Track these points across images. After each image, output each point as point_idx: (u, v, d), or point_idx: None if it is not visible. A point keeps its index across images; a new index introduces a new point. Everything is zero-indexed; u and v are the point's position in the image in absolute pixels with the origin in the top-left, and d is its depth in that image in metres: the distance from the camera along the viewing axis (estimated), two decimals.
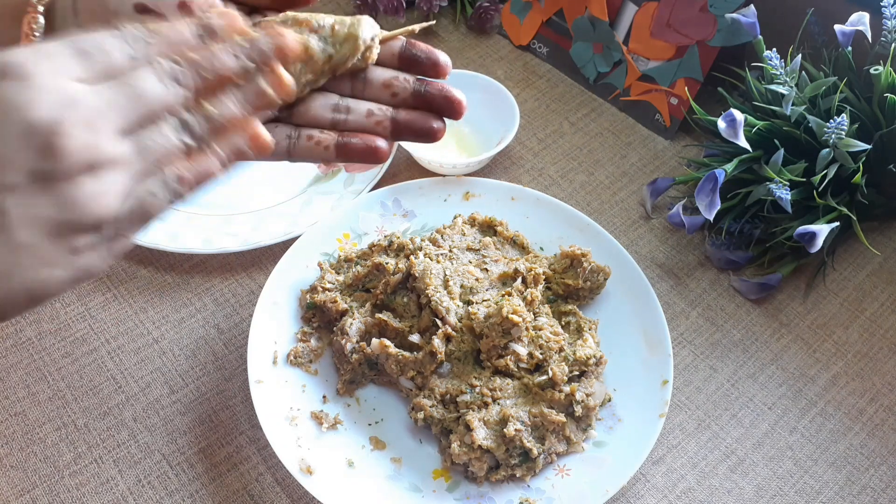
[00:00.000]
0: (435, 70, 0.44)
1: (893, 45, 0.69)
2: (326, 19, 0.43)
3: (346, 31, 0.42)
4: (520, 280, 0.64)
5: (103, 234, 0.34)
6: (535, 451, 0.57)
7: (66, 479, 0.61)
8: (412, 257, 0.64)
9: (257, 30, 0.39)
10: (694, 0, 0.79)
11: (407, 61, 0.45)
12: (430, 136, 0.45)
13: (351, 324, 0.63)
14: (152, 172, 0.35)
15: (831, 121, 0.67)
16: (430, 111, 0.45)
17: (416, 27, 0.46)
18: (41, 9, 0.44)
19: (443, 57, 0.44)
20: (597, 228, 0.70)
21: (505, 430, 0.57)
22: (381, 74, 0.45)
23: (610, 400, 0.62)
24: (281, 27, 0.40)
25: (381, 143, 0.44)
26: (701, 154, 0.82)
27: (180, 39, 0.36)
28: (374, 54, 0.44)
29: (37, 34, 0.44)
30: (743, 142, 0.68)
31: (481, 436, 0.57)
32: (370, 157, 0.44)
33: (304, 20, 0.42)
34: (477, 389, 0.60)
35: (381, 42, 0.44)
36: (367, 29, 0.43)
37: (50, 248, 0.33)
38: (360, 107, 0.44)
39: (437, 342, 0.60)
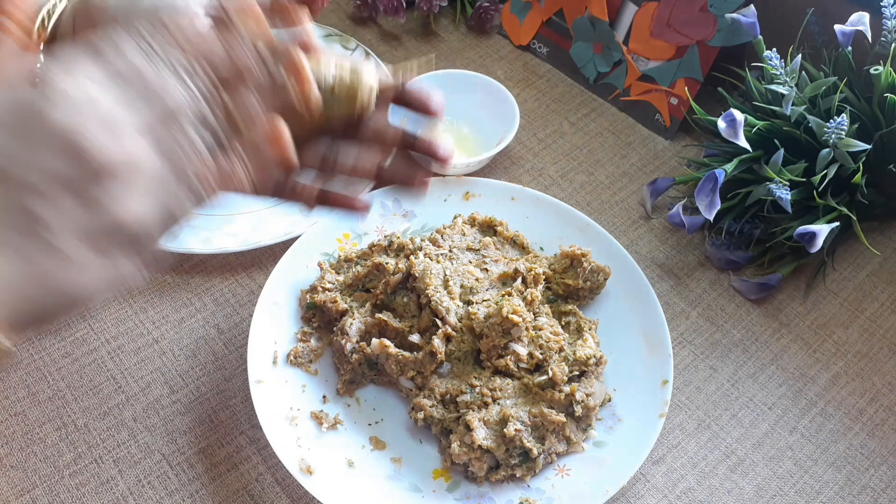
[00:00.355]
0: (426, 109, 0.46)
1: (893, 45, 0.69)
2: (328, 73, 0.43)
3: (346, 91, 0.43)
4: (520, 280, 0.64)
5: (130, 237, 0.34)
6: (535, 451, 0.57)
7: (66, 479, 0.61)
8: (412, 257, 0.64)
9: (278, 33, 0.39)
10: (694, 0, 0.79)
11: (401, 98, 0.46)
12: (413, 188, 0.47)
13: (351, 324, 0.63)
14: (175, 173, 0.35)
15: (831, 121, 0.67)
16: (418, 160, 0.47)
17: (415, 69, 0.47)
18: (41, 45, 0.45)
19: (435, 98, 0.46)
20: (597, 228, 0.70)
21: (505, 430, 0.57)
22: (375, 122, 0.46)
23: (610, 400, 0.62)
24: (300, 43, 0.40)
25: (360, 201, 0.47)
26: (701, 154, 0.82)
27: (196, 33, 0.36)
28: (372, 106, 0.44)
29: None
30: (743, 142, 0.68)
31: (481, 436, 0.57)
32: (349, 210, 0.47)
33: None
34: (477, 389, 0.60)
35: (380, 91, 0.45)
36: (367, 89, 0.43)
37: (81, 250, 0.33)
38: (348, 158, 0.46)
39: (437, 342, 0.60)
